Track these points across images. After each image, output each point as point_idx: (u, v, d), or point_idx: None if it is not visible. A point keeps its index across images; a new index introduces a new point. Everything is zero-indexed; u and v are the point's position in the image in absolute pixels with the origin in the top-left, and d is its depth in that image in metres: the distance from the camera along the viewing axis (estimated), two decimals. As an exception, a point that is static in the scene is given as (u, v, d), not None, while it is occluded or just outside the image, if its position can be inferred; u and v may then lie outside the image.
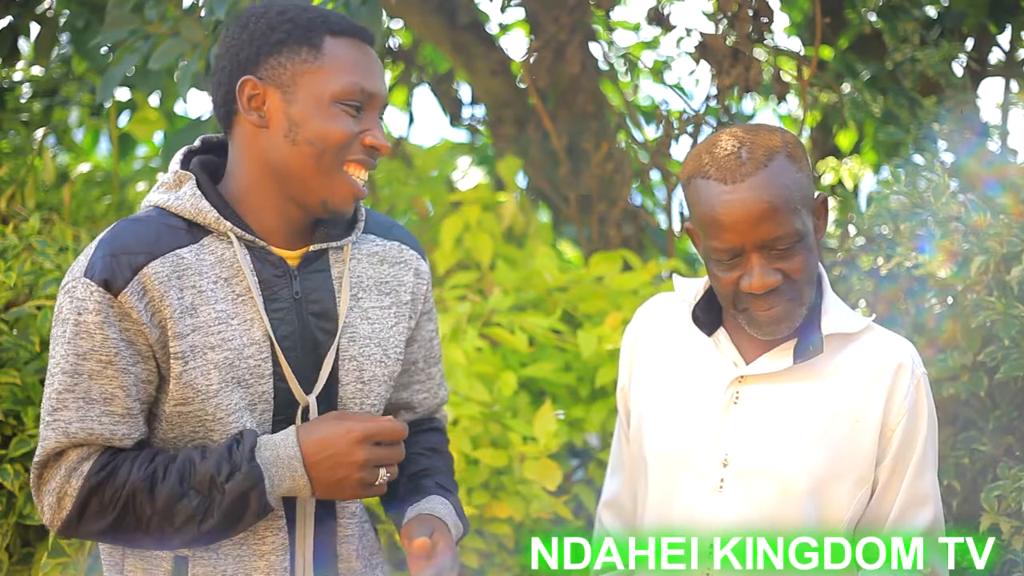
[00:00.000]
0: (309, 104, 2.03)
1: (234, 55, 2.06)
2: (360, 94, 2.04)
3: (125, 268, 1.98)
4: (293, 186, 2.06)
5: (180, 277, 2.01)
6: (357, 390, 2.15)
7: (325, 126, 2.03)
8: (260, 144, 2.05)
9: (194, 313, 2.02)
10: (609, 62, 4.37)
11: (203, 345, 2.02)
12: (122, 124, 4.68)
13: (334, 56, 2.04)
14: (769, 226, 2.07)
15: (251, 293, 2.05)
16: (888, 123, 3.97)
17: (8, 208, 3.42)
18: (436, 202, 4.34)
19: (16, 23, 4.23)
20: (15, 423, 2.72)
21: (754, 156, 2.08)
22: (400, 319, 2.20)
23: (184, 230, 2.04)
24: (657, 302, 2.36)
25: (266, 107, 2.04)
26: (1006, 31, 4.10)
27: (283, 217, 2.09)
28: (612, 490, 2.39)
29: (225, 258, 2.05)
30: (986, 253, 2.66)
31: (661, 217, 4.36)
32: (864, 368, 2.16)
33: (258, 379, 2.06)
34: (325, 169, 2.04)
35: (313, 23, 2.05)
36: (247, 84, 2.03)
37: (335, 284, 2.13)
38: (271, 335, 2.06)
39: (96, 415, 2.00)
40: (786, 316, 2.12)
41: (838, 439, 2.15)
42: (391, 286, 2.20)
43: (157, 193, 2.09)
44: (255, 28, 2.06)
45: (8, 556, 2.69)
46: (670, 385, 2.25)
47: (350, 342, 2.14)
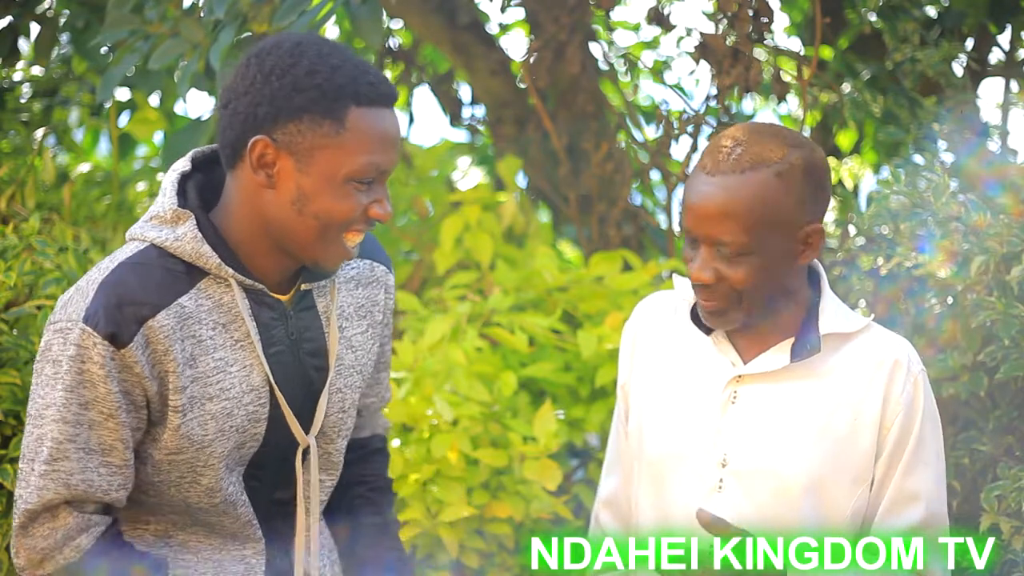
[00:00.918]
0: (322, 180, 1.97)
1: (251, 104, 1.97)
2: (375, 171, 1.99)
3: (131, 321, 1.94)
4: (288, 244, 2.02)
5: (182, 328, 1.98)
6: (338, 419, 2.16)
7: (335, 204, 1.98)
8: (263, 201, 2.00)
9: (193, 364, 1.99)
10: (609, 62, 4.36)
11: (201, 396, 2.00)
12: (122, 124, 4.68)
13: (356, 132, 1.96)
14: (714, 227, 2.08)
15: (250, 338, 2.03)
16: (888, 123, 3.97)
17: (8, 208, 3.41)
18: (436, 202, 4.34)
19: (16, 23, 4.23)
20: (15, 423, 2.71)
21: (740, 159, 2.08)
22: (374, 340, 2.21)
23: (183, 273, 2.00)
24: (655, 299, 2.36)
25: (276, 170, 1.97)
26: (1006, 31, 4.10)
27: (276, 264, 2.06)
28: (609, 488, 2.39)
29: (223, 303, 2.02)
30: (986, 253, 2.66)
31: (661, 217, 4.35)
32: (862, 366, 2.16)
33: (254, 423, 2.05)
34: (326, 240, 2.00)
35: (341, 92, 1.95)
36: (259, 144, 1.96)
37: (323, 319, 2.12)
38: (271, 380, 2.04)
39: (95, 466, 1.97)
40: (721, 313, 2.13)
41: (836, 438, 2.15)
42: (366, 308, 2.19)
43: (153, 229, 2.02)
44: (279, 85, 1.95)
45: (8, 556, 2.69)
46: (668, 384, 2.25)
47: (337, 375, 2.13)
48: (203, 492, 2.06)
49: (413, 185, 4.50)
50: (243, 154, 1.99)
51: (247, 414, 2.04)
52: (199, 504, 2.07)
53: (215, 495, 2.06)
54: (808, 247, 2.13)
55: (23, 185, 3.50)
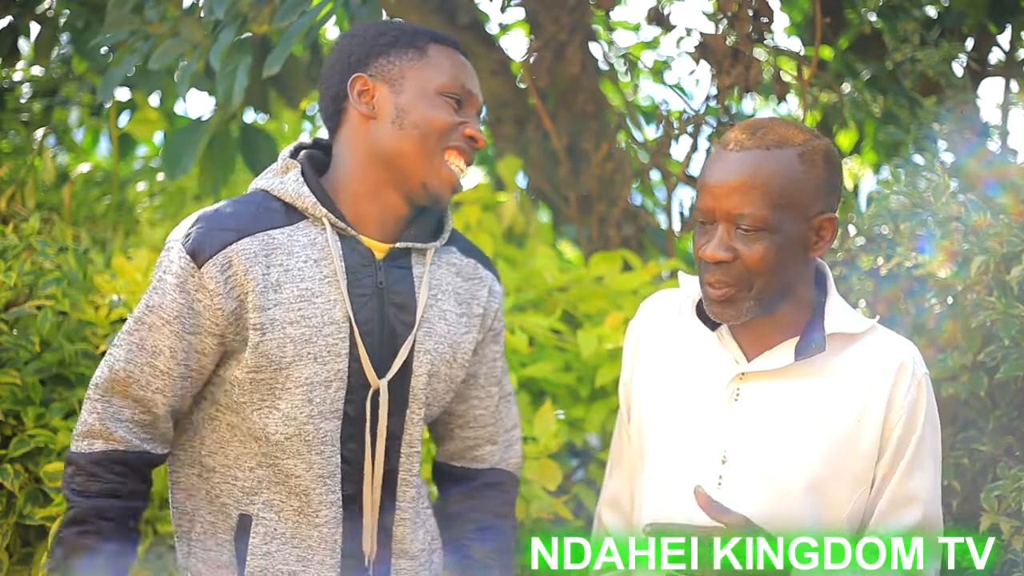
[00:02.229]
0: (415, 94, 2.22)
1: (344, 59, 2.26)
2: (461, 89, 2.25)
3: (215, 242, 2.15)
4: (397, 170, 2.22)
5: (268, 255, 2.17)
6: (425, 383, 2.27)
7: (430, 113, 2.22)
8: (368, 133, 2.23)
9: (278, 289, 2.16)
10: (609, 62, 4.36)
11: (283, 320, 2.16)
12: (122, 124, 4.68)
13: (438, 58, 2.26)
14: (737, 199, 2.08)
15: (337, 276, 2.19)
16: (888, 123, 3.97)
17: (8, 208, 3.41)
18: (436, 202, 4.33)
19: (16, 23, 4.23)
20: (15, 423, 2.72)
21: (765, 137, 2.10)
22: (471, 328, 2.33)
23: (282, 212, 2.21)
24: (661, 297, 2.37)
25: (375, 100, 2.23)
26: (1006, 31, 4.10)
27: (380, 206, 2.24)
28: (612, 488, 2.39)
29: (317, 241, 2.20)
30: (986, 253, 2.66)
31: (661, 217, 4.35)
32: (866, 368, 2.16)
33: (335, 357, 2.18)
34: (428, 152, 2.21)
35: (419, 31, 2.27)
36: (358, 80, 2.24)
37: (416, 282, 2.27)
38: (351, 317, 2.19)
39: (140, 362, 2.17)
40: (730, 302, 2.13)
41: (838, 438, 2.15)
42: (464, 298, 2.34)
43: (264, 178, 2.26)
44: (363, 35, 2.28)
45: (8, 556, 2.69)
46: (671, 381, 2.25)
47: (426, 336, 2.26)
48: (280, 419, 2.18)
49: (413, 185, 4.49)
50: (344, 106, 2.26)
51: (326, 345, 2.18)
52: (276, 435, 2.19)
53: (290, 424, 2.18)
54: (820, 238, 2.14)
55: (23, 185, 3.50)
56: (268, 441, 2.21)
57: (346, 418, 2.22)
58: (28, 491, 2.66)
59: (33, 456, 2.69)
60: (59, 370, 2.84)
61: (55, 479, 2.62)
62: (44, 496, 2.67)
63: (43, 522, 2.65)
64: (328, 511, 2.22)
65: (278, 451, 2.20)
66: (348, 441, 2.23)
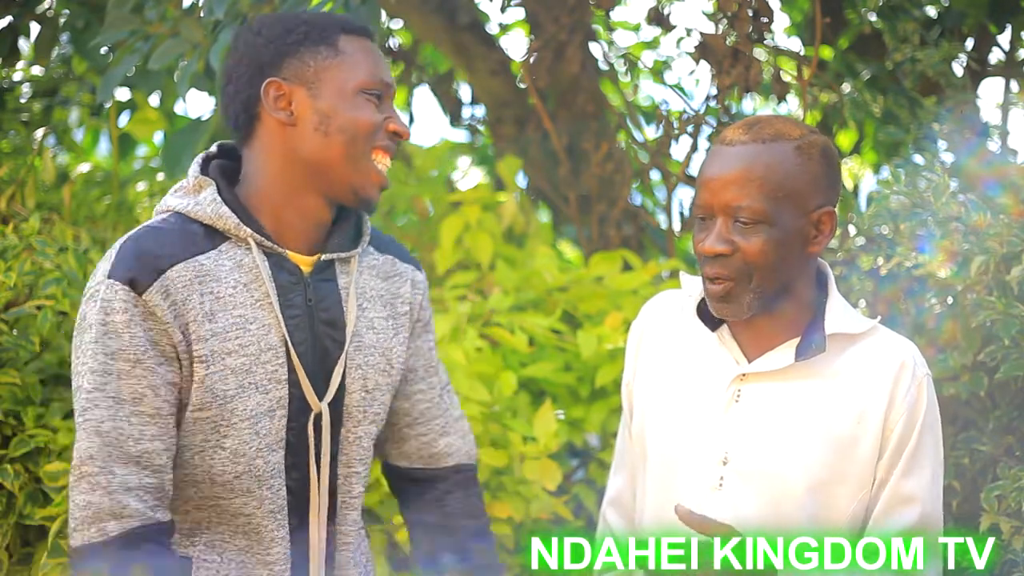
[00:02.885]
0: (335, 96, 2.11)
1: (252, 60, 2.13)
2: (380, 84, 2.14)
3: (150, 269, 2.02)
4: (323, 177, 2.12)
5: (201, 283, 2.05)
6: (362, 398, 2.19)
7: (354, 115, 2.11)
8: (288, 141, 2.12)
9: (212, 319, 2.05)
10: (609, 62, 4.37)
11: (221, 350, 2.05)
12: (122, 124, 4.68)
13: (351, 52, 2.14)
14: (735, 192, 2.09)
15: (269, 299, 2.10)
16: (888, 123, 3.97)
17: (8, 208, 3.41)
18: (436, 202, 4.34)
19: (16, 23, 4.23)
20: (15, 423, 2.72)
21: (761, 131, 2.11)
22: (400, 330, 2.26)
23: (203, 236, 2.09)
24: (663, 298, 2.37)
25: (293, 105, 2.11)
26: (1006, 31, 4.10)
27: (302, 214, 2.14)
28: (616, 488, 2.39)
29: (244, 264, 2.09)
30: (986, 253, 2.66)
31: (661, 217, 4.35)
32: (867, 368, 2.16)
33: (276, 384, 2.09)
34: (356, 156, 2.11)
35: (328, 23, 2.14)
36: (272, 85, 2.11)
37: (342, 294, 2.18)
38: (288, 340, 2.09)
39: (125, 415, 2.02)
40: (730, 297, 2.13)
41: (839, 439, 2.14)
42: (388, 299, 2.26)
43: (175, 197, 2.14)
44: (270, 33, 2.14)
45: (8, 556, 2.69)
46: (672, 382, 2.25)
47: (356, 351, 2.18)
48: (228, 457, 2.08)
49: (413, 185, 4.50)
50: (257, 111, 2.13)
51: (266, 372, 2.09)
52: (223, 475, 2.09)
53: (239, 461, 2.09)
54: (820, 232, 2.14)
55: (23, 185, 3.50)
56: (213, 483, 2.10)
57: (288, 447, 2.12)
58: (28, 491, 2.66)
59: (33, 456, 2.69)
60: (59, 370, 2.84)
61: (55, 479, 2.62)
62: (44, 496, 2.67)
63: (43, 522, 2.64)
64: (279, 547, 2.13)
65: (224, 491, 2.10)
66: (291, 470, 2.13)
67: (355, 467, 2.21)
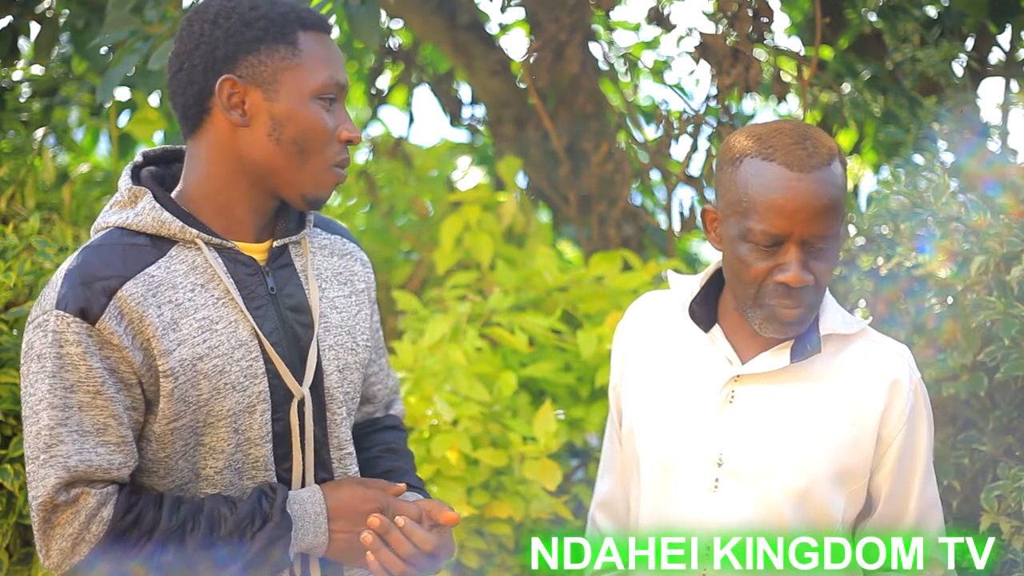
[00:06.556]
0: (291, 101, 2.04)
1: (207, 53, 2.04)
2: (335, 87, 2.07)
3: (99, 294, 1.96)
4: (272, 180, 2.07)
5: (155, 295, 2.00)
6: (339, 379, 2.17)
7: (307, 123, 2.05)
8: (238, 142, 2.06)
9: (176, 327, 2.01)
10: (609, 62, 4.37)
11: (191, 357, 2.01)
12: (122, 124, 4.68)
13: (310, 52, 2.06)
14: (822, 223, 2.06)
15: (230, 295, 2.06)
16: (888, 123, 3.97)
17: (8, 208, 3.42)
18: (436, 202, 4.34)
19: (16, 23, 4.24)
20: (15, 423, 2.71)
21: (819, 152, 2.08)
22: (361, 307, 2.24)
23: (148, 247, 2.03)
24: (649, 300, 2.35)
25: (247, 105, 2.04)
26: (1006, 31, 4.10)
27: (249, 208, 2.09)
28: (604, 490, 2.39)
29: (197, 265, 2.05)
30: (986, 253, 2.66)
31: (661, 217, 4.36)
32: (861, 374, 2.16)
33: (253, 380, 2.06)
34: (305, 163, 2.06)
35: (287, 19, 2.06)
36: (227, 83, 2.03)
37: (301, 277, 2.15)
38: (258, 333, 2.06)
39: (92, 446, 1.97)
40: (801, 321, 2.12)
41: (833, 440, 2.14)
42: (345, 276, 2.23)
43: (112, 213, 2.07)
44: (228, 26, 2.04)
45: (8, 556, 2.69)
46: (664, 384, 2.24)
47: (326, 332, 2.16)
48: (207, 453, 2.06)
49: (413, 185, 4.50)
50: (208, 106, 2.05)
51: (241, 370, 2.05)
52: (208, 471, 2.07)
53: (219, 456, 2.06)
54: (844, 238, 2.14)
55: (23, 185, 3.51)
56: (198, 477, 2.08)
57: (276, 438, 2.10)
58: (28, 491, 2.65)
59: (33, 456, 2.69)
60: (59, 370, 2.84)
61: (55, 479, 2.61)
62: (44, 496, 2.66)
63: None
64: None
65: (211, 487, 2.08)
66: (283, 461, 2.11)
67: (347, 448, 2.19)
